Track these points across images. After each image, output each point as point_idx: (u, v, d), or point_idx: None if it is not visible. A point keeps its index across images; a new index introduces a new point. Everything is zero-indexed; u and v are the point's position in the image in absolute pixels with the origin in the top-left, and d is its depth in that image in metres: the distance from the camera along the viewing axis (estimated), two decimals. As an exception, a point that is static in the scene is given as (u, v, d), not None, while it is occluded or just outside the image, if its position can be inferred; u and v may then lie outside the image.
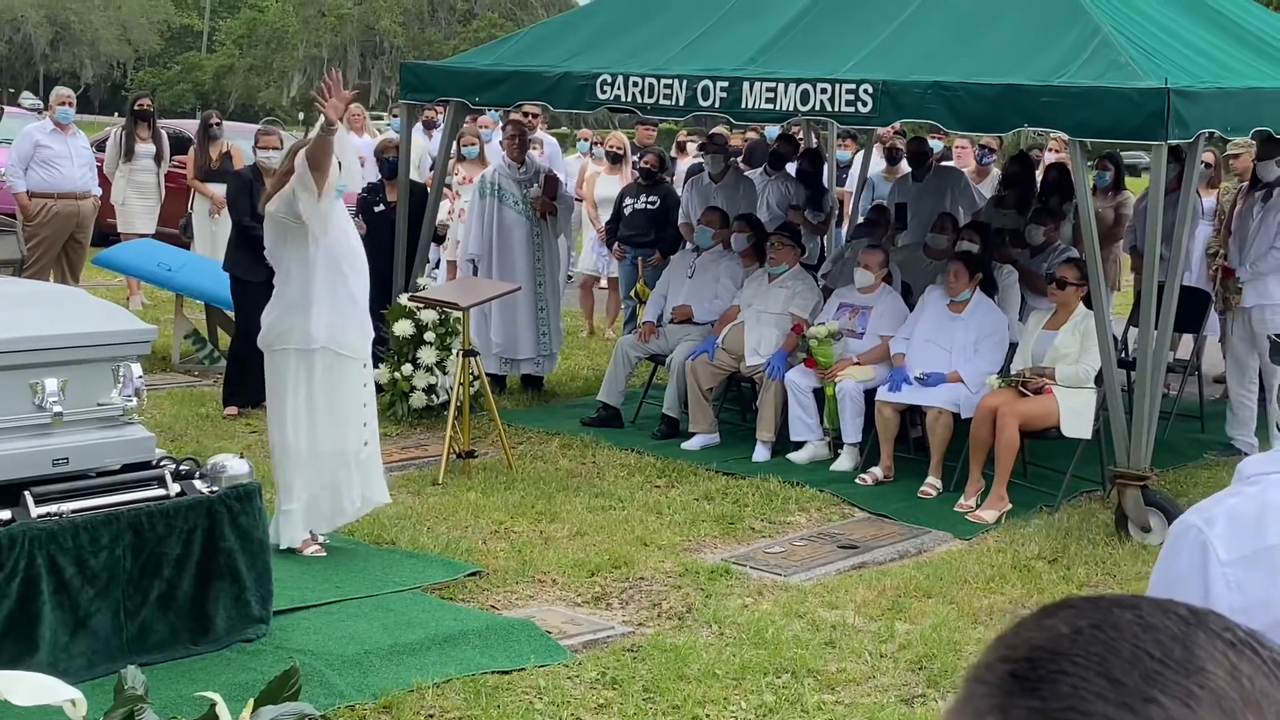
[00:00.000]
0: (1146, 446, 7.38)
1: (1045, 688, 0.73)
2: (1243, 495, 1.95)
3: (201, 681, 4.93)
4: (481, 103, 9.77)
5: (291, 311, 6.41)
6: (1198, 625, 0.76)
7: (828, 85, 7.93)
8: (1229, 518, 1.92)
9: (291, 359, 6.41)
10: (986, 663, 0.77)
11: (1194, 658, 0.73)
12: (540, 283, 10.20)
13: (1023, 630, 0.78)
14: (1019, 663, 0.75)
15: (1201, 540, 1.90)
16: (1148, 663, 0.73)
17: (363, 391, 6.57)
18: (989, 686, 0.75)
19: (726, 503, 7.81)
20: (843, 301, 8.95)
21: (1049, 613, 0.79)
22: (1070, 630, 0.76)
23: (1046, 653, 0.75)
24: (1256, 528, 1.90)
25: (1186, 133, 7.16)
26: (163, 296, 12.79)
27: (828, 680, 5.42)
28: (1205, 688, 0.71)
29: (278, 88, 51.64)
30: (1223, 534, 1.90)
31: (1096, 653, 0.74)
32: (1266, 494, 1.93)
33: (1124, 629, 0.75)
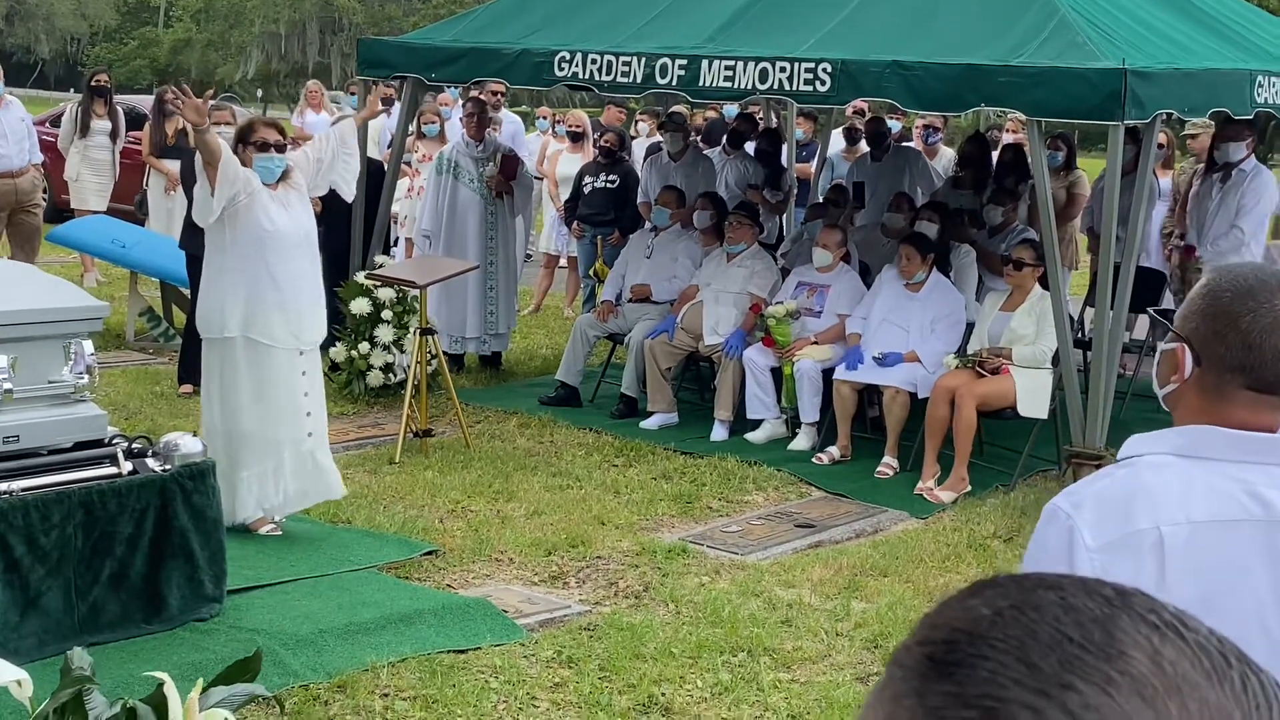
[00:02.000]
0: (1102, 426, 7.43)
1: (961, 672, 0.71)
2: (1113, 478, 1.95)
3: (154, 661, 4.88)
4: (438, 79, 9.71)
5: (207, 299, 6.40)
6: (1122, 607, 0.74)
7: (786, 64, 7.92)
8: (1097, 502, 1.91)
9: (216, 346, 6.38)
10: (907, 645, 0.76)
11: (1115, 641, 0.71)
12: (492, 262, 10.15)
13: (945, 611, 0.76)
14: (937, 645, 0.74)
15: (1069, 525, 1.90)
16: (1067, 647, 0.71)
17: (300, 380, 6.47)
18: (906, 670, 0.74)
19: (684, 482, 7.81)
20: (801, 281, 8.96)
21: (973, 592, 0.77)
22: (991, 612, 0.74)
23: (965, 635, 0.73)
24: (1124, 512, 1.89)
25: (1143, 113, 7.19)
26: (118, 274, 12.68)
27: (784, 659, 5.44)
28: (1125, 673, 0.70)
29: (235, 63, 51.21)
30: (1090, 519, 1.89)
31: (1015, 636, 0.72)
32: (1138, 476, 1.93)
33: (1045, 611, 0.73)
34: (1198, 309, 1.97)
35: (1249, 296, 1.91)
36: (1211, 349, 1.94)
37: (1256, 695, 0.70)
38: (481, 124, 10.37)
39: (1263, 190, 9.37)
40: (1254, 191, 9.32)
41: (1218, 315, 1.94)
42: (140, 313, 10.79)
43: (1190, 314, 1.98)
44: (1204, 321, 1.96)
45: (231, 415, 6.36)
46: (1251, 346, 1.91)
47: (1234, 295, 1.93)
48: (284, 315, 6.39)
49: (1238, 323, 1.92)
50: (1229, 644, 0.73)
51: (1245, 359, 1.92)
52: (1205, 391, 1.97)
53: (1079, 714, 0.68)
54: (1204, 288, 1.99)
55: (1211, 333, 1.94)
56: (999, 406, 7.88)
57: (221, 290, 6.33)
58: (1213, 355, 1.94)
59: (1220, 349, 1.93)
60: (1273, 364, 1.91)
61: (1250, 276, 1.94)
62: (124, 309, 11.01)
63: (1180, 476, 1.91)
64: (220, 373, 6.39)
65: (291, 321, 6.43)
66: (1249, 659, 0.73)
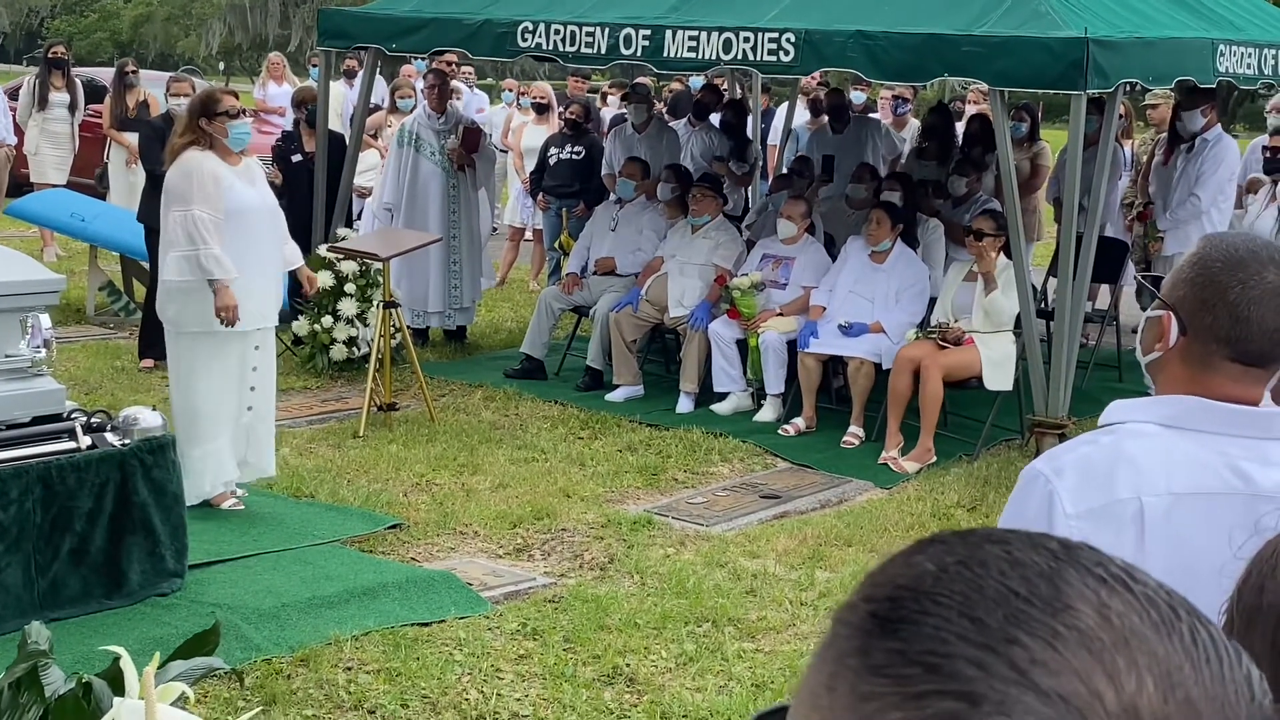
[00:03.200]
0: (1065, 396, 7.46)
1: (906, 629, 0.70)
2: (1096, 445, 1.93)
3: (114, 636, 4.84)
4: (399, 50, 9.63)
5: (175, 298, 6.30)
6: (1068, 561, 0.73)
7: (750, 34, 7.89)
8: (1079, 468, 1.90)
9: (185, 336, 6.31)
10: (851, 603, 0.74)
11: (1061, 595, 0.70)
12: (454, 235, 10.09)
13: (889, 568, 0.75)
14: (881, 603, 0.72)
15: (1049, 490, 1.89)
16: (1013, 601, 0.70)
17: (252, 355, 6.39)
18: (851, 628, 0.72)
19: (650, 454, 7.80)
20: (766, 253, 8.95)
21: (918, 549, 0.75)
22: (936, 567, 0.73)
23: (909, 592, 0.72)
24: (1106, 480, 1.88)
25: (1106, 83, 7.20)
26: (78, 248, 12.55)
27: (748, 629, 5.44)
28: (1072, 627, 0.69)
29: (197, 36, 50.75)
30: (1071, 485, 1.88)
31: (960, 591, 0.71)
32: (1121, 444, 1.91)
33: (991, 565, 0.72)
34: (1186, 277, 1.95)
35: (1239, 268, 1.90)
36: (1198, 319, 1.93)
37: (1206, 647, 0.70)
38: (443, 95, 10.30)
39: (1222, 157, 9.42)
40: (1213, 159, 9.38)
41: (1206, 285, 1.92)
42: (100, 287, 10.69)
43: (1178, 282, 1.96)
44: (1192, 290, 1.94)
45: (187, 393, 6.30)
46: (1239, 319, 1.89)
47: (1224, 266, 1.91)
48: (258, 297, 6.34)
49: (1226, 294, 1.90)
50: (1178, 596, 0.72)
51: (1232, 331, 1.90)
52: (1190, 361, 1.95)
53: (1026, 669, 0.67)
54: (1194, 256, 1.97)
55: (1199, 302, 1.92)
56: (964, 377, 7.90)
57: (189, 288, 6.22)
58: (1199, 325, 1.93)
59: (1207, 319, 1.91)
60: (1259, 337, 1.90)
61: (1241, 248, 1.93)
62: (84, 283, 10.92)
63: (1162, 447, 1.90)
64: (186, 357, 6.31)
65: (262, 300, 6.38)
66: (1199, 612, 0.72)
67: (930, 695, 0.67)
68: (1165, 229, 9.47)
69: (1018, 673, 0.67)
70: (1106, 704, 0.66)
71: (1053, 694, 0.66)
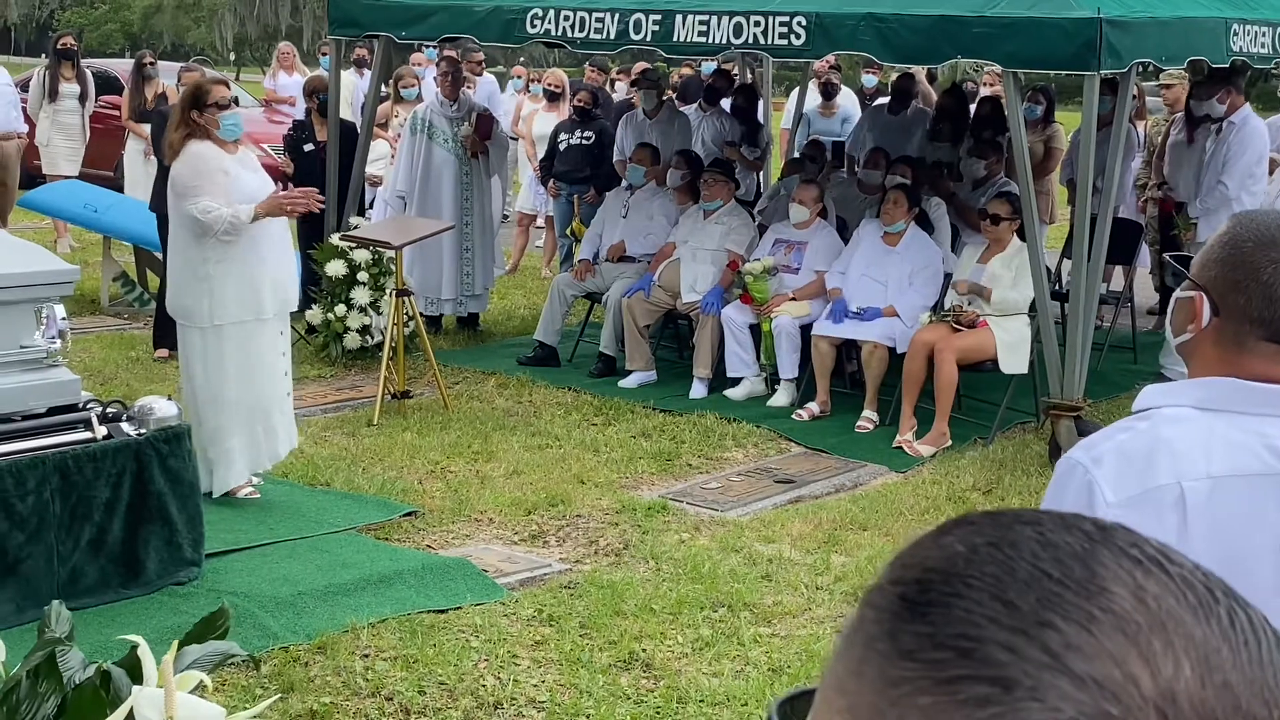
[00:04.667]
0: (1080, 377, 7.44)
1: (935, 612, 0.68)
2: (1133, 431, 1.90)
3: (132, 625, 4.86)
4: (409, 37, 9.62)
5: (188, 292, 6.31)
6: (1102, 542, 0.71)
7: (760, 17, 7.87)
8: (1118, 456, 1.88)
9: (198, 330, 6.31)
10: (879, 585, 0.72)
11: (1096, 577, 0.69)
12: (467, 223, 10.08)
13: (918, 550, 0.73)
14: (910, 585, 0.71)
15: (1088, 480, 1.86)
16: (1046, 584, 0.68)
17: (279, 340, 6.41)
18: (879, 611, 0.71)
19: (664, 440, 7.80)
20: (778, 237, 8.93)
21: (946, 530, 0.74)
22: (966, 549, 0.71)
23: (939, 574, 0.70)
24: (1145, 466, 1.86)
25: (1120, 63, 7.16)
26: (91, 239, 12.58)
27: (764, 613, 5.44)
28: (1107, 610, 0.67)
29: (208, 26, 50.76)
30: (1110, 474, 1.86)
31: (991, 573, 0.69)
32: (1158, 430, 1.89)
33: (1022, 547, 0.70)
34: (1217, 257, 1.92)
35: (1271, 246, 1.87)
36: (1231, 299, 1.90)
37: (1244, 630, 0.68)
38: (456, 83, 10.28)
39: (1248, 141, 9.33)
40: (1239, 143, 9.30)
41: (1238, 265, 1.89)
42: (114, 278, 10.71)
43: (1210, 262, 1.93)
44: (1223, 270, 1.91)
45: (217, 387, 6.29)
46: (1273, 299, 1.86)
47: (1256, 244, 1.88)
48: (273, 285, 6.34)
49: (1259, 273, 1.87)
50: (1215, 578, 0.71)
51: (1265, 311, 1.87)
52: (1223, 342, 1.92)
53: (1060, 653, 0.66)
54: (1225, 235, 1.94)
55: (1231, 282, 1.89)
56: (979, 360, 7.89)
57: (206, 282, 6.21)
58: (1232, 305, 1.90)
59: (1240, 299, 1.88)
60: None
61: (1273, 226, 1.90)
62: (97, 274, 10.94)
63: (1200, 430, 1.87)
64: (204, 352, 6.30)
65: (280, 288, 6.39)
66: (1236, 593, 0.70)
67: (962, 680, 0.66)
68: (1197, 216, 9.41)
69: (1051, 656, 0.66)
70: (1143, 688, 0.65)
71: (1087, 678, 0.65)
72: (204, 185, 6.12)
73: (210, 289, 6.21)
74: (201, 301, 6.23)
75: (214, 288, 6.21)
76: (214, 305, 6.21)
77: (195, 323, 6.29)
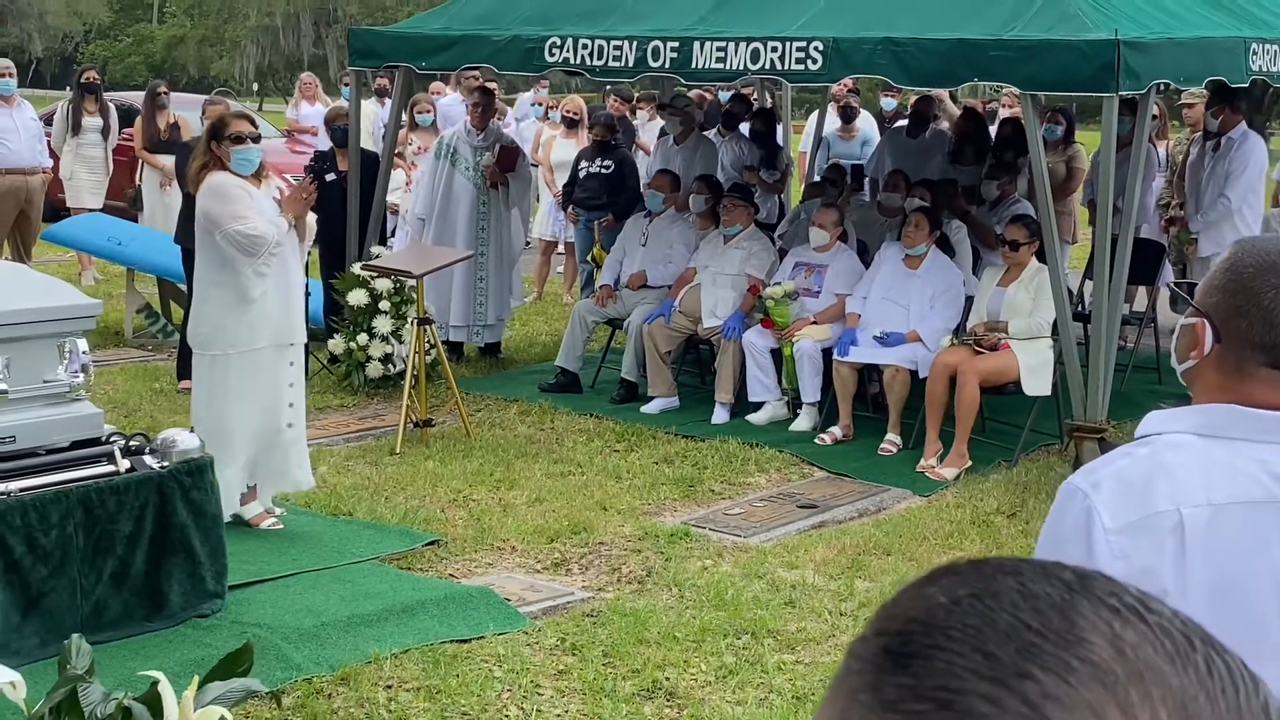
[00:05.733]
0: (1103, 399, 7.41)
1: (917, 664, 0.69)
2: (1133, 457, 1.89)
3: (155, 658, 4.87)
4: (429, 67, 9.67)
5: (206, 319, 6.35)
6: (1081, 591, 0.72)
7: (778, 44, 7.88)
8: (1116, 481, 1.86)
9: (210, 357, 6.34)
10: (864, 636, 0.73)
11: (1074, 627, 0.69)
12: (482, 252, 10.11)
13: (902, 599, 0.74)
14: (892, 636, 0.71)
15: (1087, 505, 1.85)
16: (1025, 634, 0.69)
17: (288, 371, 6.43)
18: (864, 662, 0.72)
19: (686, 465, 7.79)
20: (798, 261, 8.93)
21: (931, 579, 0.75)
22: (948, 600, 0.72)
23: (921, 625, 0.71)
24: (1144, 493, 1.84)
25: (1138, 84, 7.15)
26: (115, 271, 12.65)
27: (788, 640, 5.42)
28: (1085, 660, 0.68)
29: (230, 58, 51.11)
30: (1108, 500, 1.84)
31: (973, 625, 0.70)
32: (1158, 456, 1.88)
33: (1003, 598, 0.71)
34: (1219, 283, 1.91)
35: (1272, 272, 1.86)
36: (1232, 325, 1.89)
37: (1222, 678, 0.68)
38: (486, 113, 10.32)
39: (1249, 156, 9.40)
40: (1240, 158, 9.37)
41: (1239, 290, 1.88)
42: (138, 309, 10.77)
43: (1211, 288, 1.92)
44: (1225, 296, 1.90)
45: (219, 413, 6.33)
46: (1273, 324, 1.85)
47: (1256, 270, 1.87)
48: (286, 314, 6.37)
49: (1260, 299, 1.86)
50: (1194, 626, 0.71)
51: (1267, 336, 1.86)
52: (1225, 368, 1.91)
53: (1038, 704, 0.66)
54: (1226, 261, 1.93)
55: (1233, 308, 1.88)
56: (1001, 382, 7.87)
57: (222, 308, 6.26)
58: (1233, 331, 1.89)
59: (1241, 325, 1.87)
60: None
61: (1274, 251, 1.89)
62: (121, 306, 11.00)
63: (1200, 457, 1.86)
64: (211, 377, 6.35)
65: (291, 317, 6.42)
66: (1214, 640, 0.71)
67: None
68: (1198, 230, 9.44)
69: (1030, 707, 0.66)
70: None
71: None
72: (237, 208, 6.17)
73: (227, 317, 6.25)
74: (218, 329, 6.27)
75: (230, 316, 6.24)
76: (230, 332, 6.25)
77: (208, 350, 6.33)
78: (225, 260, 6.22)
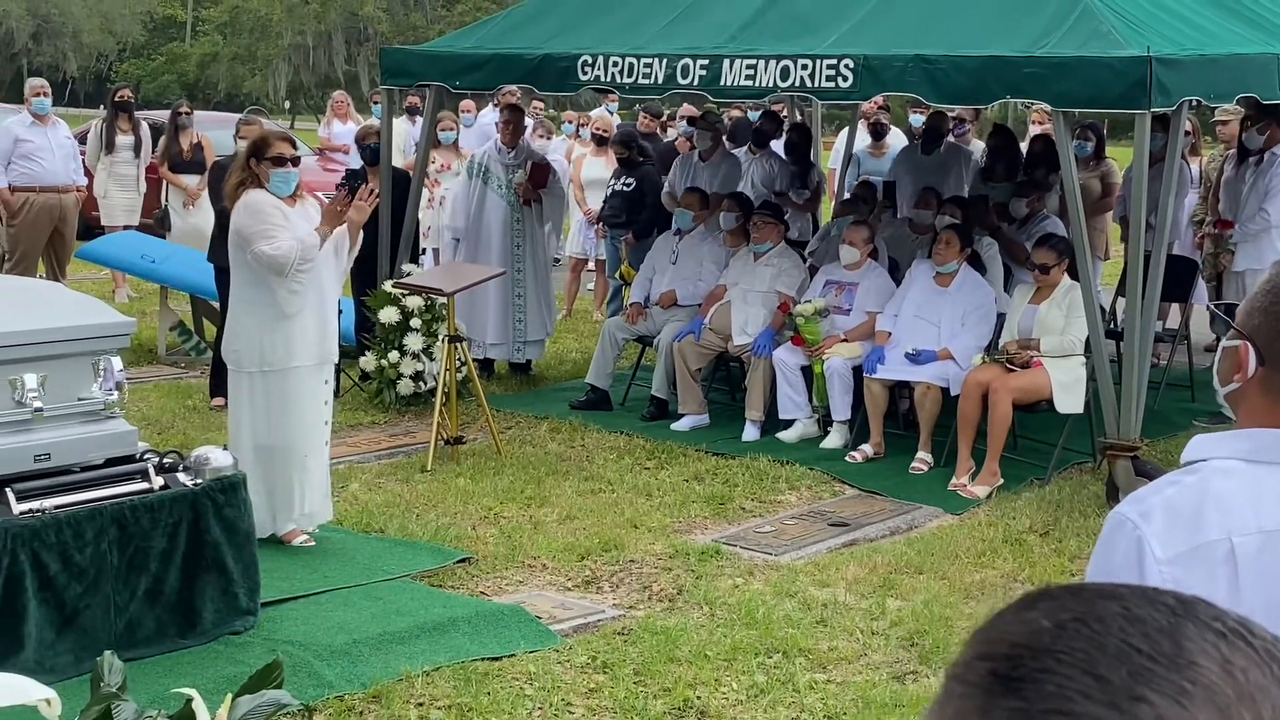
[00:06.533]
0: (1136, 417, 7.36)
1: (1028, 687, 0.69)
2: (1181, 485, 1.87)
3: (188, 675, 4.90)
4: (462, 86, 9.71)
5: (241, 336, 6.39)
6: (1186, 616, 0.72)
7: (808, 61, 7.88)
8: (1166, 511, 1.84)
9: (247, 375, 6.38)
10: (965, 660, 0.73)
11: (1184, 651, 0.70)
12: (519, 269, 10.14)
13: (1002, 624, 0.74)
14: (999, 660, 0.72)
15: (1137, 536, 1.83)
16: (1136, 658, 0.69)
17: (323, 389, 6.47)
18: (969, 686, 0.72)
19: (716, 483, 7.78)
20: (829, 278, 8.92)
21: (1028, 604, 0.75)
22: (1052, 624, 0.72)
23: (1028, 650, 0.71)
24: (1194, 521, 1.82)
25: (1169, 101, 7.12)
26: (148, 289, 12.74)
27: (819, 659, 5.41)
28: (1197, 683, 0.68)
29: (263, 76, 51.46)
30: (1159, 530, 1.82)
31: (1081, 648, 0.70)
32: (1207, 483, 1.85)
33: (1109, 622, 0.71)
34: (1260, 305, 1.88)
35: None
36: (1276, 347, 1.86)
37: None
38: (516, 131, 10.35)
39: None
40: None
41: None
42: (171, 327, 10.84)
43: (1253, 310, 1.89)
44: (1267, 319, 1.87)
45: (261, 432, 6.37)
46: None
47: None
48: (320, 334, 6.41)
49: None
50: None
51: None
52: (1269, 391, 1.89)
53: None
54: (1268, 283, 1.91)
55: (1275, 331, 1.85)
56: (1034, 400, 7.83)
57: (258, 326, 6.30)
58: (1277, 354, 1.87)
59: None
60: None
61: None
62: (155, 324, 11.07)
63: (1249, 483, 1.84)
64: (250, 396, 6.39)
65: (327, 337, 6.46)
66: None
67: None
68: (1238, 241, 9.44)
69: None
70: None
71: None
72: (267, 228, 6.21)
73: (263, 334, 6.29)
74: (253, 346, 6.31)
75: (266, 334, 6.28)
76: (264, 350, 6.29)
77: (243, 367, 6.37)
78: (260, 277, 6.26)
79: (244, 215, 6.29)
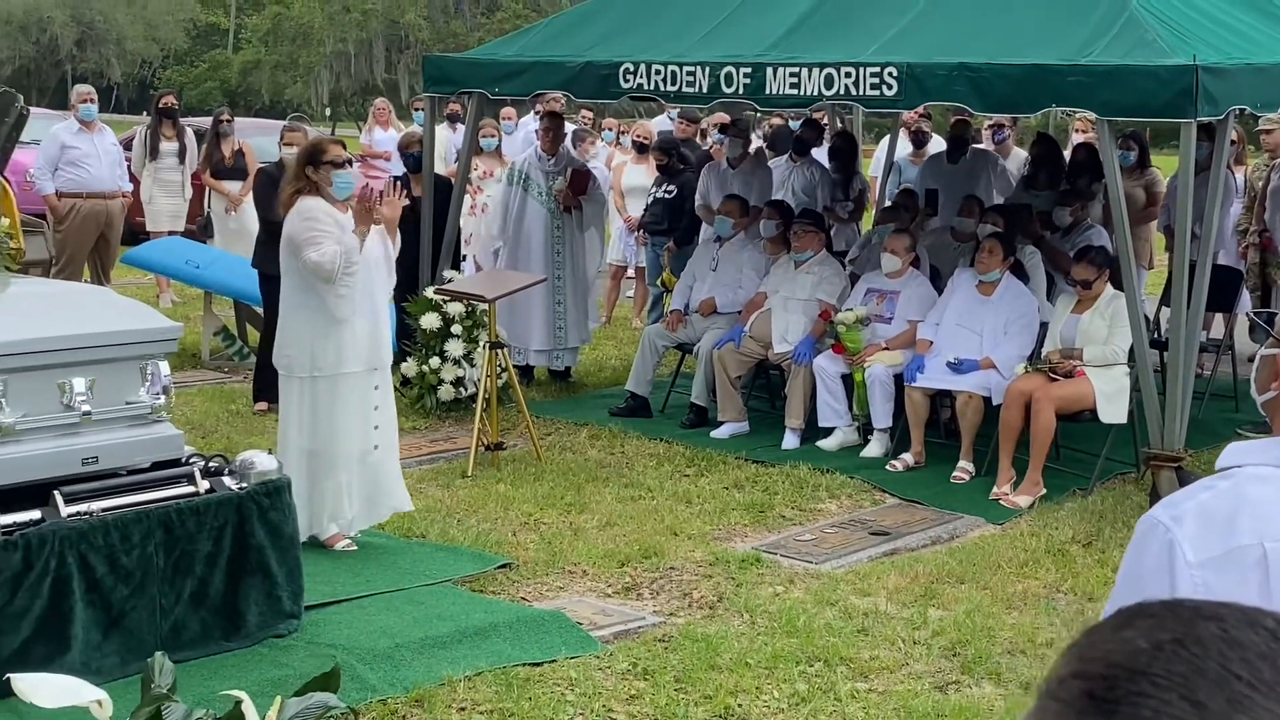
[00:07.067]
0: (1180, 427, 7.31)
1: (1124, 709, 0.69)
2: (1215, 490, 1.87)
3: (233, 678, 4.93)
4: (502, 93, 9.74)
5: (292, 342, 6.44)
6: None
7: (852, 69, 7.87)
8: (1199, 515, 1.84)
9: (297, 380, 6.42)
10: (1060, 677, 0.72)
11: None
12: (559, 276, 10.16)
13: (1098, 642, 0.73)
14: (1094, 680, 0.71)
15: (1169, 539, 1.83)
16: (1234, 685, 0.68)
17: (373, 394, 6.49)
18: (1063, 704, 0.71)
19: (756, 491, 7.78)
20: (870, 287, 8.90)
21: (1125, 622, 0.74)
22: (1150, 645, 0.71)
23: (1125, 670, 0.70)
24: (1227, 526, 1.82)
25: (1216, 110, 7.08)
26: (192, 294, 12.84)
27: (860, 668, 5.39)
28: None
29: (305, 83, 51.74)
30: (1191, 533, 1.82)
31: (1180, 672, 0.69)
32: (1241, 489, 1.85)
33: (1208, 645, 0.70)
34: None
35: None
36: None
37: None
38: (556, 138, 10.38)
39: None
40: None
41: None
42: (215, 332, 10.91)
43: None
44: None
45: (309, 436, 6.41)
46: None
47: None
48: (372, 339, 6.45)
49: None
50: None
51: None
52: None
53: None
54: None
55: None
56: (1077, 409, 7.79)
57: (310, 332, 6.34)
58: None
59: None
60: None
61: None
62: (199, 329, 11.15)
63: None
64: (299, 401, 6.43)
65: (378, 344, 6.49)
66: None
67: None
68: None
69: None
70: None
71: None
72: (315, 234, 6.25)
73: (315, 340, 6.33)
74: (305, 351, 6.35)
75: (318, 339, 6.33)
76: (315, 355, 6.33)
77: (294, 373, 6.41)
78: (310, 283, 6.31)
79: (296, 221, 6.35)
